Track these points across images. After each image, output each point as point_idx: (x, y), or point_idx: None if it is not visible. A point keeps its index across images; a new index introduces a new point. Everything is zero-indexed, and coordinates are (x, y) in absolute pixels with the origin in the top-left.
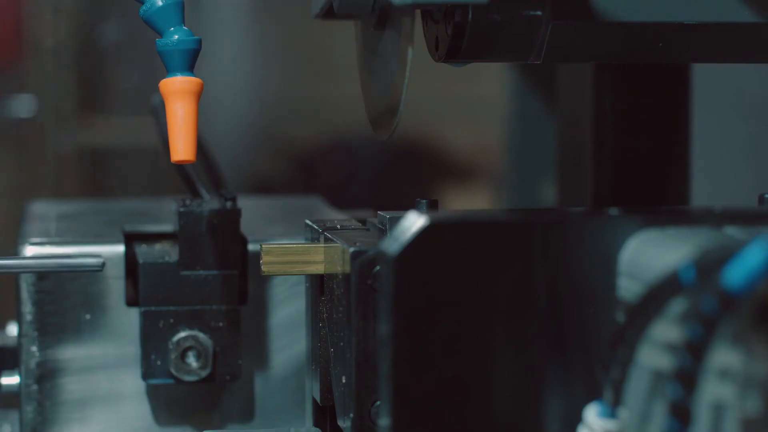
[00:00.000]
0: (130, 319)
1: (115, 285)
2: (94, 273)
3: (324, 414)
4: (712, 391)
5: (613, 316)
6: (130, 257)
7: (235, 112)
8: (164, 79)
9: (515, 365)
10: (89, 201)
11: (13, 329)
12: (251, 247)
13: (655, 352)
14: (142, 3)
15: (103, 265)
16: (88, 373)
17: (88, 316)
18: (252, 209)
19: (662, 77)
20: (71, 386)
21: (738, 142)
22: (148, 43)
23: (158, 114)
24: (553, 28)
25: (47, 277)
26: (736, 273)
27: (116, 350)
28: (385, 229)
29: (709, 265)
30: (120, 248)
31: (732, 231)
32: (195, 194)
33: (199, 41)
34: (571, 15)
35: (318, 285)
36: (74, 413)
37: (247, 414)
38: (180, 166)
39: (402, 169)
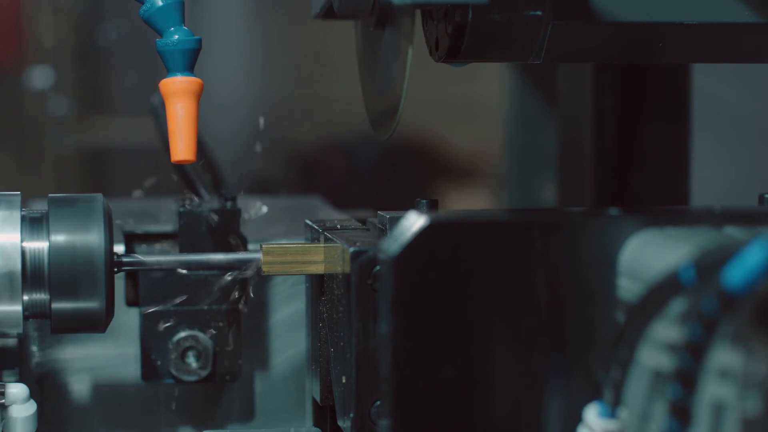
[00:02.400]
0: (130, 319)
1: (116, 285)
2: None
3: (324, 414)
4: (712, 391)
5: (613, 316)
6: None
7: (235, 112)
8: (164, 79)
9: (515, 365)
10: None
11: None
12: (251, 247)
13: (655, 352)
14: (142, 3)
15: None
16: (88, 373)
17: None
18: (252, 209)
19: (662, 77)
20: (71, 386)
21: (738, 142)
22: (148, 43)
23: (158, 114)
24: (553, 28)
25: None
26: (736, 273)
27: (116, 350)
28: (385, 229)
29: (709, 265)
30: (120, 248)
31: (732, 231)
32: (195, 194)
33: (199, 41)
34: (571, 15)
35: (318, 285)
36: (74, 413)
37: (247, 414)
38: (180, 166)
39: (402, 169)
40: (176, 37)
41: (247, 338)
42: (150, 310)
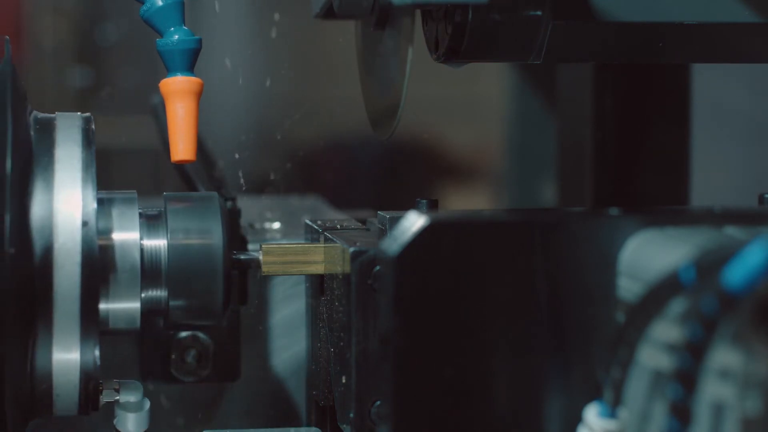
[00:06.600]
0: None
1: None
2: None
3: (324, 414)
4: (712, 391)
5: (613, 316)
6: None
7: (236, 112)
8: (164, 79)
9: (515, 365)
10: None
11: None
12: (251, 247)
13: (655, 352)
14: (142, 3)
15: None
16: None
17: None
18: (252, 209)
19: (662, 77)
20: None
21: (738, 142)
22: (148, 43)
23: (158, 114)
24: (553, 28)
25: None
26: (736, 273)
27: (116, 350)
28: (385, 229)
29: (709, 265)
30: None
31: (732, 231)
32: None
33: (199, 41)
34: (571, 15)
35: (318, 285)
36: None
37: (247, 414)
38: (180, 166)
39: (402, 169)
40: (176, 37)
41: (247, 338)
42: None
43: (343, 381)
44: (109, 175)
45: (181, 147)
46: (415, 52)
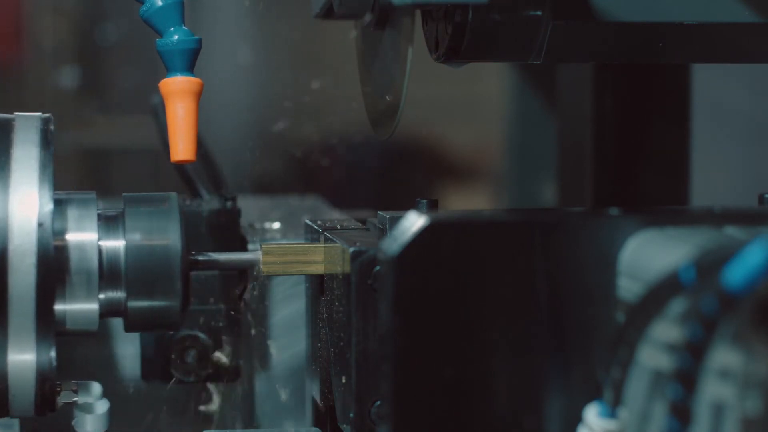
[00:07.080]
0: None
1: None
2: None
3: (324, 414)
4: (712, 391)
5: (613, 316)
6: None
7: (236, 112)
8: (164, 79)
9: (515, 365)
10: None
11: None
12: (251, 247)
13: (655, 352)
14: (142, 3)
15: None
16: (88, 373)
17: None
18: (252, 209)
19: (662, 77)
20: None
21: (738, 142)
22: (148, 43)
23: (158, 114)
24: (553, 28)
25: None
26: (736, 273)
27: (116, 350)
28: (385, 229)
29: (709, 265)
30: None
31: (732, 231)
32: (195, 194)
33: (199, 41)
34: (571, 15)
35: (318, 285)
36: (74, 413)
37: (247, 414)
38: (180, 166)
39: (402, 169)
40: (176, 37)
41: (247, 338)
42: None
43: (343, 381)
44: (109, 175)
45: (181, 147)
46: (415, 52)
